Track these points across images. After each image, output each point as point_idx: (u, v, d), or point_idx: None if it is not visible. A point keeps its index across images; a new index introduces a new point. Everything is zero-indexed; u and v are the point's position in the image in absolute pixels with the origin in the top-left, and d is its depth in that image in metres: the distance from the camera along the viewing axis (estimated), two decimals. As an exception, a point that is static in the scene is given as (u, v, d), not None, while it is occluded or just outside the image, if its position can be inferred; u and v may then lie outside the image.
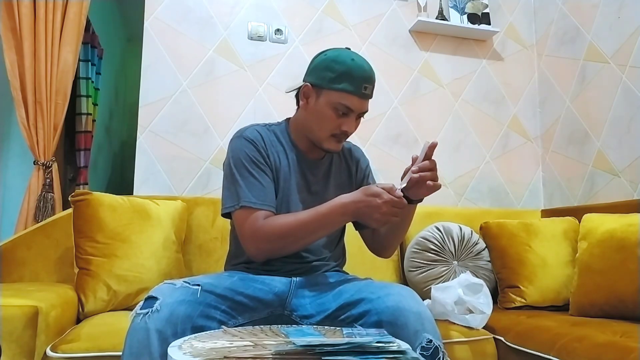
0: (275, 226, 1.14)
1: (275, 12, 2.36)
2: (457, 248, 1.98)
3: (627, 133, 2.08)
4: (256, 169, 1.21)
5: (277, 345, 0.81)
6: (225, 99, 2.24)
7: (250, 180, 1.18)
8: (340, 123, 1.20)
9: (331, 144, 1.24)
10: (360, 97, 1.18)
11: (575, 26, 2.39)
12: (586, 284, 1.66)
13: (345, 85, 1.16)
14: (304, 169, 1.30)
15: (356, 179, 1.39)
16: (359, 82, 1.17)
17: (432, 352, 0.95)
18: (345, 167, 1.38)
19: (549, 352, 1.34)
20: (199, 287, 1.01)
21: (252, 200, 1.16)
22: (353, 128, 1.23)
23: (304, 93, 1.24)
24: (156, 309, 0.93)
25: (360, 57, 1.21)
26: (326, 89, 1.19)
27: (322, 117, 1.20)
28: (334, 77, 1.17)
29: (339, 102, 1.18)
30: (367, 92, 1.19)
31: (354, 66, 1.17)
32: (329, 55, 1.21)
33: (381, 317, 1.00)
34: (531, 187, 2.60)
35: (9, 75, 1.93)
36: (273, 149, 1.27)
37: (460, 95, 2.57)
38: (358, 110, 1.20)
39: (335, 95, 1.18)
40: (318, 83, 1.20)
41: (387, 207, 1.04)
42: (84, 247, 1.56)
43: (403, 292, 1.06)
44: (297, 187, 1.27)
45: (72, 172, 3.21)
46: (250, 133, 1.26)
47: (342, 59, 1.18)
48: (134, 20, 3.16)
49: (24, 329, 1.18)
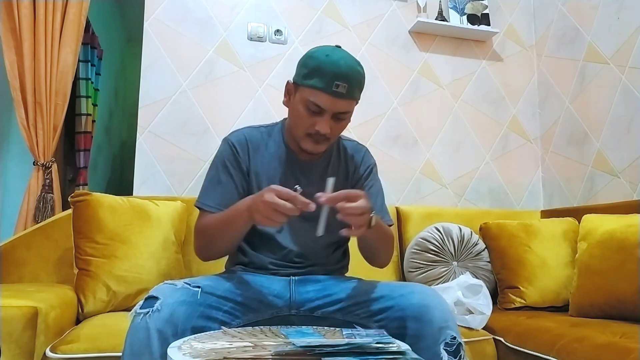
0: (201, 223, 1.18)
1: (275, 13, 2.36)
2: (456, 249, 1.98)
3: (627, 134, 2.08)
4: (225, 174, 1.21)
5: (277, 346, 0.81)
6: (225, 99, 2.24)
7: (213, 184, 1.22)
8: (313, 122, 1.14)
9: (307, 144, 1.18)
10: (331, 95, 1.10)
11: (575, 27, 2.39)
12: (586, 284, 1.66)
13: (315, 82, 1.10)
14: (296, 172, 1.25)
15: (353, 180, 1.31)
16: (329, 79, 1.08)
17: (455, 349, 0.97)
18: (343, 167, 1.31)
19: (548, 353, 1.34)
20: (199, 289, 1.01)
21: (205, 203, 1.20)
22: (327, 129, 1.14)
23: (287, 90, 1.21)
24: (157, 309, 0.93)
25: (340, 53, 1.12)
26: (300, 85, 1.14)
27: (296, 114, 1.17)
28: (307, 73, 1.12)
29: (308, 99, 1.12)
30: (340, 90, 1.09)
31: (327, 62, 1.09)
32: (310, 51, 1.16)
33: (405, 313, 1.01)
34: (531, 187, 2.60)
35: (8, 75, 1.93)
36: (259, 154, 1.24)
37: (460, 96, 2.57)
38: (330, 110, 1.12)
39: (306, 92, 1.12)
40: (295, 79, 1.18)
41: (265, 209, 0.95)
42: (83, 248, 1.56)
43: (427, 290, 1.07)
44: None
45: (71, 173, 3.21)
46: (235, 137, 1.25)
47: (317, 54, 1.12)
48: (134, 21, 3.16)
49: (24, 329, 1.18)
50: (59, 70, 2.00)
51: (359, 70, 1.13)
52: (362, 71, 1.14)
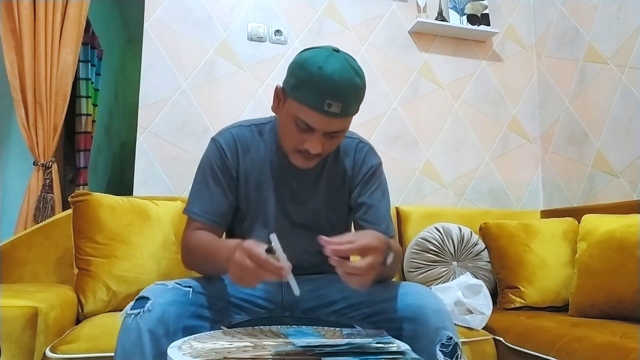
0: (188, 240, 1.11)
1: (275, 13, 2.36)
2: (456, 249, 1.98)
3: (627, 134, 2.08)
4: (212, 179, 1.14)
5: (277, 346, 0.81)
6: (225, 99, 2.24)
7: (201, 189, 1.15)
8: (302, 139, 1.02)
9: (297, 159, 1.07)
10: (322, 114, 0.96)
11: (575, 27, 2.40)
12: (586, 284, 1.66)
13: (305, 98, 0.96)
14: (288, 176, 1.15)
15: (351, 184, 1.19)
16: (320, 96, 0.95)
17: (451, 349, 0.96)
18: (340, 168, 1.19)
19: (548, 353, 1.34)
20: (190, 289, 1.01)
21: (192, 210, 1.14)
22: (318, 148, 1.01)
23: (276, 95, 1.06)
24: (148, 309, 0.92)
25: (335, 64, 0.95)
26: (288, 96, 1.01)
27: (284, 127, 1.05)
28: (295, 85, 0.98)
29: (296, 116, 0.99)
30: (333, 110, 0.96)
31: (320, 75, 0.94)
32: (302, 55, 1.00)
33: (400, 315, 1.00)
34: (530, 187, 2.60)
35: (8, 76, 1.93)
36: (248, 156, 1.15)
37: (460, 96, 2.57)
38: (321, 129, 0.99)
39: (294, 107, 0.99)
40: (284, 87, 1.03)
41: (236, 270, 0.87)
42: (83, 248, 1.56)
43: (421, 290, 1.05)
44: (276, 198, 1.15)
45: (71, 173, 3.21)
46: (223, 138, 1.16)
47: (309, 63, 0.96)
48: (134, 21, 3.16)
49: (24, 329, 1.18)
50: (59, 70, 2.00)
51: (357, 83, 0.98)
52: (362, 82, 1.00)
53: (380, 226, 1.14)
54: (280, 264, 0.83)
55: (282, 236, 1.06)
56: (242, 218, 1.19)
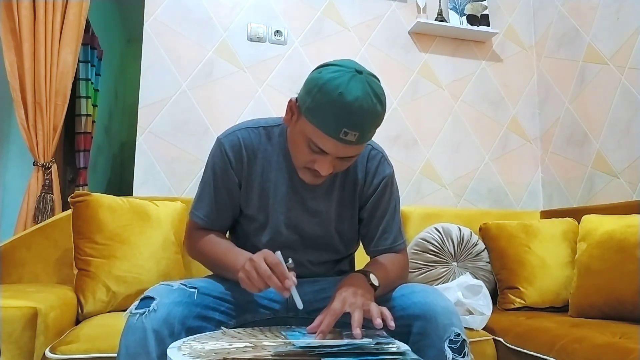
0: (203, 247, 1.14)
1: (275, 14, 2.36)
2: (456, 249, 1.98)
3: (626, 134, 2.08)
4: (216, 185, 1.13)
5: (277, 346, 0.81)
6: (224, 100, 2.24)
7: (206, 194, 1.15)
8: (313, 159, 0.99)
9: (306, 176, 1.04)
10: (337, 141, 0.93)
11: (574, 27, 2.40)
12: (585, 285, 1.66)
13: (320, 123, 0.92)
14: (297, 185, 1.11)
15: (362, 195, 1.16)
16: (338, 125, 0.90)
17: (459, 345, 0.98)
18: (352, 178, 1.15)
19: (548, 353, 1.35)
20: (195, 290, 1.01)
21: (198, 215, 1.15)
22: (330, 169, 0.98)
23: (289, 107, 1.02)
24: (153, 309, 0.92)
25: (357, 90, 0.90)
26: (303, 115, 0.96)
27: (296, 144, 1.01)
28: (312, 107, 0.93)
29: (310, 138, 0.95)
30: (349, 138, 0.92)
31: (340, 103, 0.89)
32: (323, 75, 0.93)
33: (408, 312, 1.00)
34: (530, 188, 2.60)
35: (8, 76, 1.93)
36: (256, 163, 1.12)
37: (460, 97, 2.57)
38: (334, 154, 0.96)
39: (308, 128, 0.95)
40: (299, 104, 0.98)
41: (249, 268, 0.93)
42: (83, 248, 1.56)
43: (428, 289, 1.06)
44: (286, 207, 1.12)
45: (71, 173, 3.21)
46: (229, 142, 1.12)
47: (329, 87, 0.90)
48: (134, 21, 3.16)
49: (23, 330, 1.18)
50: (58, 70, 2.00)
51: (378, 110, 0.94)
52: (382, 109, 0.96)
53: (386, 241, 1.17)
54: (288, 275, 0.91)
55: (288, 247, 1.10)
56: (247, 222, 1.18)
